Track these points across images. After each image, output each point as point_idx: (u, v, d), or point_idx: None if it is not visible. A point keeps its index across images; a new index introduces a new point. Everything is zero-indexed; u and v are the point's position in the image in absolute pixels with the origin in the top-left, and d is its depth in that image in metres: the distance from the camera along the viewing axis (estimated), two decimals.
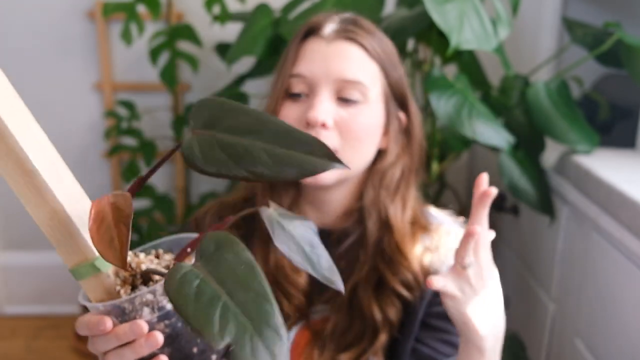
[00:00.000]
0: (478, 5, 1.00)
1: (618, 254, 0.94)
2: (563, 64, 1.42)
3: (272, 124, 0.40)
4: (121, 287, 0.49)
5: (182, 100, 1.97)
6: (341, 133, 0.74)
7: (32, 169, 0.44)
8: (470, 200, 0.80)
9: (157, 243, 0.56)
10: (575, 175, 1.11)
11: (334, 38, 0.75)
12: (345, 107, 0.75)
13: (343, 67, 0.74)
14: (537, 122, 1.15)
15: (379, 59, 0.77)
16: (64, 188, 0.46)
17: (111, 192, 0.46)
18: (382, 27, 1.26)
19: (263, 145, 0.40)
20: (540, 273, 1.29)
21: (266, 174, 0.39)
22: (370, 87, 0.75)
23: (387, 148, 0.80)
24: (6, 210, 2.11)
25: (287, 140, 0.40)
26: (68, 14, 1.91)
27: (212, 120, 0.42)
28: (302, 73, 0.75)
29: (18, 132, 0.44)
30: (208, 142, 0.41)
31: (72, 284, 2.15)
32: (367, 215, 0.79)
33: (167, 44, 1.72)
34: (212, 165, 0.41)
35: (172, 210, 1.89)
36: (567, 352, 1.13)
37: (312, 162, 0.39)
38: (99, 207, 0.44)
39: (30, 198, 0.45)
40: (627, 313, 0.92)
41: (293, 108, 0.76)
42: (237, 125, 0.41)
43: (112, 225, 0.43)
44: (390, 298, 0.78)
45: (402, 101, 0.81)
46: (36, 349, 1.96)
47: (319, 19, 0.77)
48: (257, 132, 0.40)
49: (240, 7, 1.77)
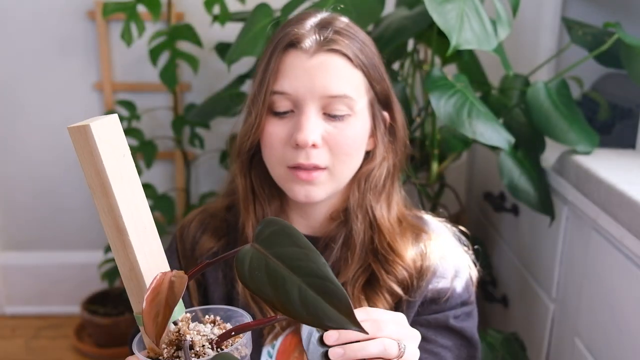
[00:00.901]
0: (478, 5, 1.00)
1: (618, 254, 0.94)
2: (563, 64, 1.42)
3: (313, 263, 0.42)
4: (166, 347, 0.52)
5: (182, 100, 1.97)
6: (331, 149, 0.73)
7: (123, 227, 0.51)
8: (470, 200, 0.80)
9: (224, 308, 0.59)
10: (575, 175, 1.11)
11: (316, 51, 0.72)
12: (333, 122, 0.73)
13: (327, 82, 0.72)
14: (537, 122, 1.15)
15: (362, 65, 0.75)
16: (147, 251, 0.53)
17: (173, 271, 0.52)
18: (382, 27, 1.26)
19: (299, 282, 0.42)
20: (540, 273, 1.29)
21: (291, 312, 0.42)
22: (356, 98, 0.74)
23: (374, 149, 0.80)
24: (6, 210, 2.11)
25: (321, 286, 0.42)
26: (68, 14, 1.91)
27: (270, 240, 0.45)
28: (285, 90, 0.73)
29: (120, 194, 0.50)
30: (258, 260, 0.44)
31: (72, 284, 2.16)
32: (352, 217, 0.79)
33: (167, 44, 1.72)
34: (253, 282, 0.43)
35: (172, 210, 1.89)
36: (567, 352, 1.13)
37: (333, 316, 0.41)
38: (160, 282, 0.49)
39: (118, 249, 0.52)
40: (627, 313, 0.92)
41: (279, 126, 0.74)
42: (286, 254, 0.43)
43: (163, 303, 0.47)
44: (381, 296, 0.77)
45: (386, 101, 0.80)
46: (36, 349, 1.96)
47: (297, 31, 0.74)
48: (299, 268, 0.43)
49: (240, 7, 1.77)
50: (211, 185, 2.05)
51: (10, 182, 2.07)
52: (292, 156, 0.73)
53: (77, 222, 2.10)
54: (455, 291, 0.79)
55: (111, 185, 0.50)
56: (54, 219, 2.11)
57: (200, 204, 1.90)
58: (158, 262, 0.54)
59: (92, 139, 0.49)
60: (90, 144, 0.49)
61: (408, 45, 1.44)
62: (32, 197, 2.08)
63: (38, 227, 2.12)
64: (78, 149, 0.50)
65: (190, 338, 0.51)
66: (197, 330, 0.53)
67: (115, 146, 0.51)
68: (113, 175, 0.50)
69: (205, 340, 0.52)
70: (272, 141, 0.75)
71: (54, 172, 2.05)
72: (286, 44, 0.74)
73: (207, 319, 0.56)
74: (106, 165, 0.49)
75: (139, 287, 0.52)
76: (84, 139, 0.49)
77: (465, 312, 0.80)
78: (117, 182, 0.50)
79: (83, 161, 0.50)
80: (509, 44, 1.24)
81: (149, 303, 0.47)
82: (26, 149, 2.04)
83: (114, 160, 0.50)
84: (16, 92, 1.97)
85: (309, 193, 0.74)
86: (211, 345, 0.52)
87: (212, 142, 1.94)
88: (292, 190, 0.76)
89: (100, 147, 0.49)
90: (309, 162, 0.72)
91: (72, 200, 2.07)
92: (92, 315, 1.88)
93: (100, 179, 0.50)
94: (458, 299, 0.79)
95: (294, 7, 1.20)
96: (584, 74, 1.36)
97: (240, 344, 0.53)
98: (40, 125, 2.01)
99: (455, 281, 0.79)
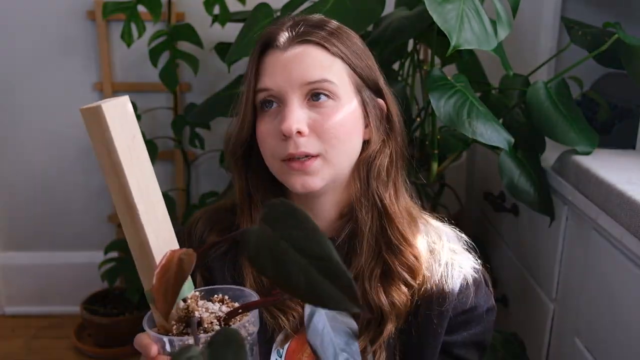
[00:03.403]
0: (478, 5, 1.00)
1: (618, 254, 0.94)
2: (563, 64, 1.42)
3: (318, 244, 0.43)
4: (175, 323, 0.53)
5: (182, 100, 1.97)
6: (319, 136, 0.74)
7: (133, 204, 0.52)
8: (470, 200, 0.80)
9: (232, 288, 0.60)
10: (575, 175, 1.11)
11: (289, 45, 0.75)
12: (317, 109, 0.74)
13: (304, 69, 0.73)
14: (537, 122, 1.15)
15: (339, 52, 0.76)
16: (156, 228, 0.54)
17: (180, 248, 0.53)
18: (382, 27, 1.26)
19: (304, 263, 0.42)
20: (540, 273, 1.29)
21: (295, 291, 0.42)
22: (336, 82, 0.74)
23: (371, 138, 0.80)
24: (6, 210, 2.11)
25: (325, 267, 0.42)
26: (68, 14, 1.91)
27: (277, 221, 0.45)
28: (267, 86, 0.75)
29: (130, 173, 0.52)
30: (264, 240, 0.44)
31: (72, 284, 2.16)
32: (356, 206, 0.79)
33: (167, 44, 1.72)
34: (258, 261, 0.44)
35: (173, 210, 1.89)
36: (567, 352, 1.13)
37: (336, 296, 0.41)
38: (169, 259, 0.50)
39: (128, 226, 0.54)
40: (627, 313, 0.92)
41: (268, 123, 0.76)
42: (292, 235, 0.44)
43: (172, 279, 0.48)
44: (396, 284, 0.78)
45: (377, 88, 0.80)
46: (36, 348, 1.96)
47: (271, 31, 0.77)
48: (304, 249, 0.43)
49: (240, 7, 1.77)
50: (211, 185, 2.05)
51: (11, 182, 2.07)
52: (283, 148, 0.74)
53: (77, 222, 2.10)
54: (479, 302, 0.81)
55: (122, 164, 0.51)
56: (54, 219, 2.11)
57: (200, 203, 1.90)
58: (167, 239, 0.55)
59: (103, 119, 0.50)
60: (102, 125, 0.50)
61: (408, 45, 1.44)
62: (32, 197, 2.08)
63: (38, 227, 2.12)
64: (90, 130, 0.51)
65: (198, 315, 0.52)
66: (205, 307, 0.54)
67: (126, 127, 0.52)
68: (124, 155, 0.51)
69: (213, 317, 0.53)
70: (264, 137, 0.76)
71: (54, 172, 2.05)
72: (262, 45, 0.77)
73: (216, 297, 0.57)
74: (117, 145, 0.51)
75: (149, 264, 0.53)
76: (96, 119, 0.50)
77: (492, 319, 0.83)
78: (127, 161, 0.52)
79: (95, 141, 0.52)
80: (509, 44, 1.24)
81: (158, 279, 0.48)
82: (26, 149, 2.04)
83: (125, 141, 0.52)
84: (16, 92, 1.97)
85: (305, 182, 0.75)
86: (219, 322, 0.53)
87: (212, 142, 1.94)
88: (289, 182, 0.76)
89: (111, 128, 0.50)
90: (299, 151, 0.73)
91: (72, 200, 2.07)
92: (92, 315, 1.88)
93: (112, 158, 0.51)
94: (482, 308, 0.82)
95: (294, 7, 1.20)
96: (584, 74, 1.36)
97: (247, 321, 0.54)
98: (40, 125, 2.01)
99: (477, 293, 0.81)
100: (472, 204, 1.87)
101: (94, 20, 1.90)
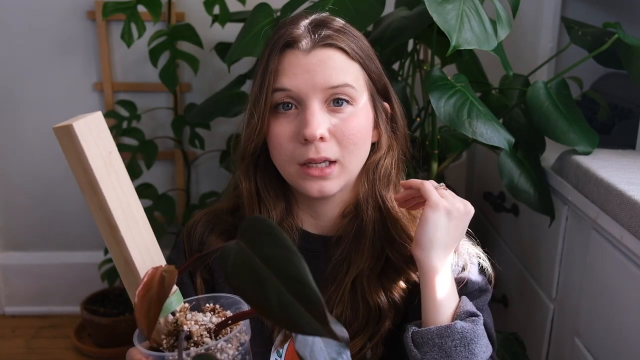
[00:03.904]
0: (478, 5, 1.00)
1: (618, 254, 0.94)
2: (563, 64, 1.42)
3: (294, 266, 0.42)
4: (165, 337, 0.52)
5: (182, 100, 1.97)
6: (338, 141, 0.74)
7: (114, 222, 0.51)
8: (470, 200, 0.80)
9: (224, 296, 0.59)
10: (575, 175, 1.11)
11: (312, 47, 0.74)
12: (337, 114, 0.74)
13: (327, 74, 0.73)
14: (537, 122, 1.15)
15: (358, 57, 0.76)
16: (140, 244, 0.53)
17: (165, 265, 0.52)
18: (382, 27, 1.26)
19: (278, 285, 0.42)
20: (540, 273, 1.29)
21: (268, 313, 0.42)
22: (356, 87, 0.75)
23: (379, 140, 0.81)
24: (6, 210, 2.11)
25: (299, 291, 0.41)
26: (68, 14, 1.91)
27: (254, 239, 0.45)
28: (286, 87, 0.74)
29: (108, 191, 0.51)
30: (241, 257, 0.44)
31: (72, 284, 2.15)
32: (363, 207, 0.80)
33: (167, 44, 1.72)
34: (235, 279, 0.44)
35: (173, 210, 1.89)
36: (567, 352, 1.13)
37: (308, 321, 0.40)
38: (151, 277, 0.49)
39: (112, 245, 0.53)
40: (627, 313, 0.92)
41: (284, 124, 0.75)
42: (269, 255, 0.43)
43: (154, 298, 0.47)
44: (396, 280, 0.78)
45: (385, 92, 0.81)
46: (36, 348, 1.96)
47: (292, 31, 0.76)
48: (279, 270, 0.42)
49: (240, 7, 1.77)
50: (211, 185, 2.05)
51: (11, 182, 2.07)
52: (302, 152, 0.74)
53: (77, 222, 2.10)
54: (471, 279, 0.80)
55: (99, 182, 0.50)
56: (54, 219, 2.11)
57: (200, 204, 1.90)
58: (152, 254, 0.54)
59: (76, 138, 0.49)
60: (75, 143, 0.49)
61: (408, 45, 1.44)
62: (32, 198, 2.08)
63: (38, 227, 2.12)
64: (64, 149, 0.50)
65: (187, 328, 0.51)
66: (194, 320, 0.53)
67: (100, 144, 0.51)
68: (100, 173, 0.50)
69: (203, 329, 0.52)
70: (279, 140, 0.75)
71: (54, 172, 2.05)
72: (283, 44, 0.75)
73: (207, 307, 0.56)
74: (92, 163, 0.50)
75: (135, 280, 0.52)
76: (69, 138, 0.49)
77: (486, 301, 0.82)
78: (104, 179, 0.50)
79: (70, 160, 0.51)
80: (509, 44, 1.24)
81: (140, 298, 0.47)
82: (26, 149, 2.04)
83: (100, 158, 0.51)
84: (16, 92, 1.97)
85: (322, 188, 0.75)
86: (209, 334, 0.52)
87: (212, 142, 1.94)
88: (305, 187, 0.76)
89: (84, 146, 0.49)
90: (320, 156, 0.73)
91: (73, 200, 2.07)
92: (92, 315, 1.88)
93: (88, 177, 0.50)
94: (475, 285, 0.81)
95: (294, 7, 1.20)
96: (584, 74, 1.36)
97: (238, 330, 0.53)
98: (41, 125, 2.01)
99: (468, 270, 0.81)
100: (472, 204, 1.86)
101: (94, 20, 1.90)
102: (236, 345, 0.52)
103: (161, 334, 0.52)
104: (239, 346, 0.52)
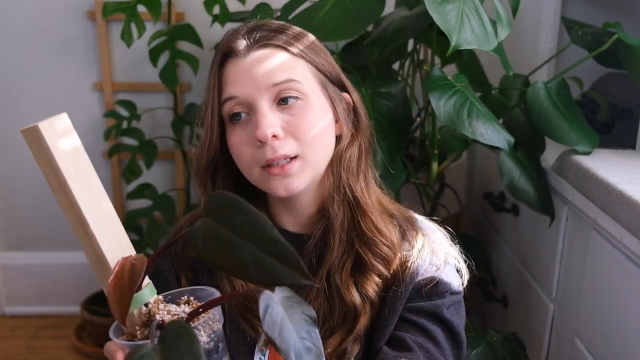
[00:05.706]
0: (478, 5, 1.00)
1: (618, 254, 0.94)
2: (563, 64, 1.42)
3: (261, 227, 0.45)
4: (139, 329, 0.54)
5: (182, 100, 1.97)
6: (295, 137, 0.74)
7: (84, 218, 0.53)
8: (470, 200, 0.80)
9: (199, 289, 0.61)
10: (575, 175, 1.11)
11: (248, 51, 0.75)
12: (288, 110, 0.74)
13: (268, 72, 0.73)
14: (537, 122, 1.15)
15: (299, 51, 0.76)
16: (110, 239, 0.55)
17: (134, 253, 0.54)
18: (382, 27, 1.26)
19: (249, 246, 0.44)
20: (540, 273, 1.29)
21: (246, 274, 0.44)
22: (302, 81, 0.75)
23: (342, 133, 0.80)
24: (6, 210, 2.11)
25: (270, 247, 0.44)
26: (68, 14, 1.91)
27: (218, 212, 0.47)
28: (233, 94, 0.74)
29: (77, 189, 0.53)
30: (209, 232, 0.46)
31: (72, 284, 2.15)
32: (329, 203, 0.79)
33: (167, 44, 1.72)
34: (207, 254, 0.46)
35: (172, 210, 1.89)
36: (567, 352, 1.13)
37: (285, 272, 0.43)
38: (121, 266, 0.51)
39: (84, 241, 0.54)
40: (627, 313, 0.92)
41: (240, 132, 0.75)
42: (236, 224, 0.46)
43: (126, 286, 0.49)
44: (369, 276, 0.78)
45: (340, 83, 0.81)
46: (36, 349, 1.96)
47: (228, 41, 0.76)
48: (247, 234, 0.45)
49: (240, 7, 1.77)
50: None
51: (11, 182, 2.07)
52: (260, 155, 0.74)
53: None
54: (443, 279, 0.80)
55: (67, 181, 0.52)
56: (54, 219, 2.11)
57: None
58: (122, 247, 0.56)
59: (42, 138, 0.51)
60: (42, 144, 0.51)
61: (408, 45, 1.44)
62: (32, 198, 2.08)
63: (38, 227, 2.12)
64: (32, 150, 0.53)
65: (159, 318, 0.53)
66: (167, 310, 0.54)
67: (66, 143, 0.53)
68: (68, 171, 0.52)
69: (176, 318, 0.53)
70: (238, 149, 0.76)
71: None
72: (222, 55, 0.76)
73: (182, 299, 0.58)
74: (59, 163, 0.52)
75: (108, 273, 0.54)
76: (36, 139, 0.52)
77: (455, 301, 0.81)
78: (72, 177, 0.52)
79: (38, 161, 0.53)
80: (509, 44, 1.24)
81: (112, 287, 0.49)
82: (26, 149, 2.02)
83: (67, 157, 0.53)
84: (16, 92, 1.97)
85: (287, 185, 0.75)
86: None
87: None
88: (271, 188, 0.76)
89: (51, 146, 0.52)
90: (277, 155, 0.73)
91: None
92: (92, 315, 1.88)
93: (56, 176, 0.52)
94: (446, 286, 0.80)
95: (294, 7, 1.20)
96: (584, 74, 1.36)
97: (209, 318, 0.55)
98: None
99: (442, 270, 0.80)
100: (472, 204, 1.87)
101: (94, 20, 1.90)
102: (208, 333, 0.54)
103: (135, 326, 0.54)
104: (211, 333, 0.54)
